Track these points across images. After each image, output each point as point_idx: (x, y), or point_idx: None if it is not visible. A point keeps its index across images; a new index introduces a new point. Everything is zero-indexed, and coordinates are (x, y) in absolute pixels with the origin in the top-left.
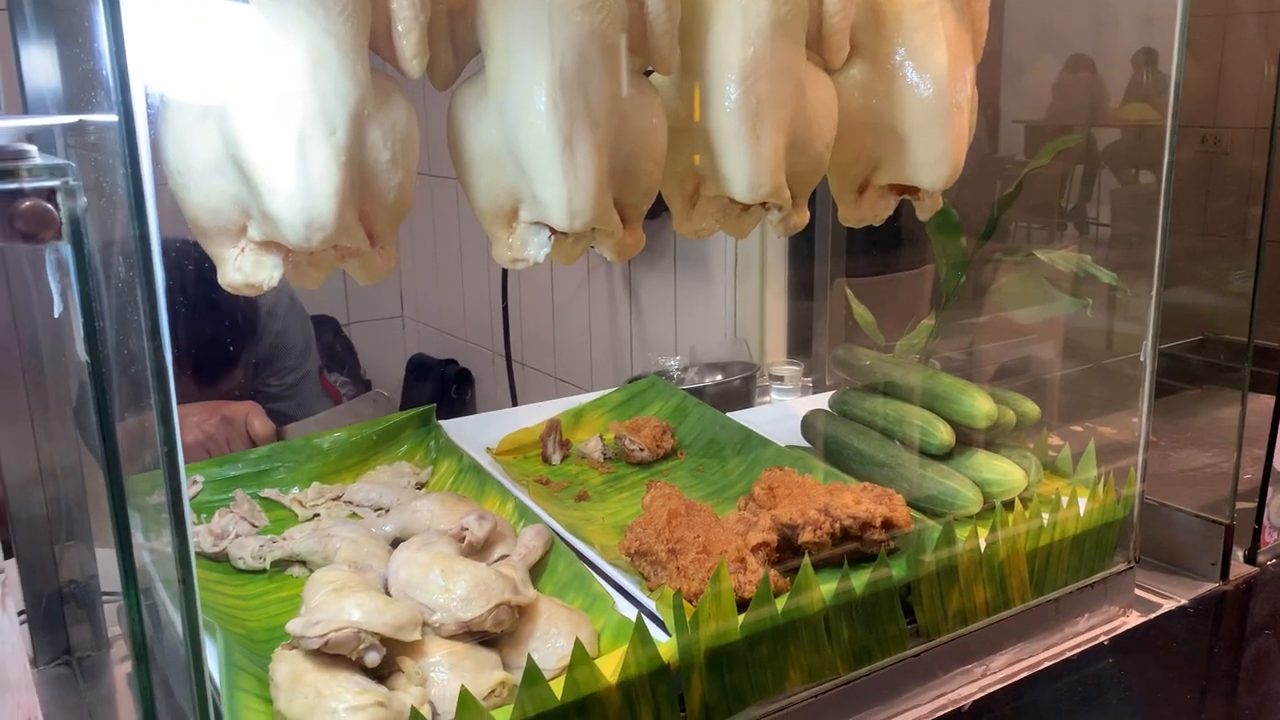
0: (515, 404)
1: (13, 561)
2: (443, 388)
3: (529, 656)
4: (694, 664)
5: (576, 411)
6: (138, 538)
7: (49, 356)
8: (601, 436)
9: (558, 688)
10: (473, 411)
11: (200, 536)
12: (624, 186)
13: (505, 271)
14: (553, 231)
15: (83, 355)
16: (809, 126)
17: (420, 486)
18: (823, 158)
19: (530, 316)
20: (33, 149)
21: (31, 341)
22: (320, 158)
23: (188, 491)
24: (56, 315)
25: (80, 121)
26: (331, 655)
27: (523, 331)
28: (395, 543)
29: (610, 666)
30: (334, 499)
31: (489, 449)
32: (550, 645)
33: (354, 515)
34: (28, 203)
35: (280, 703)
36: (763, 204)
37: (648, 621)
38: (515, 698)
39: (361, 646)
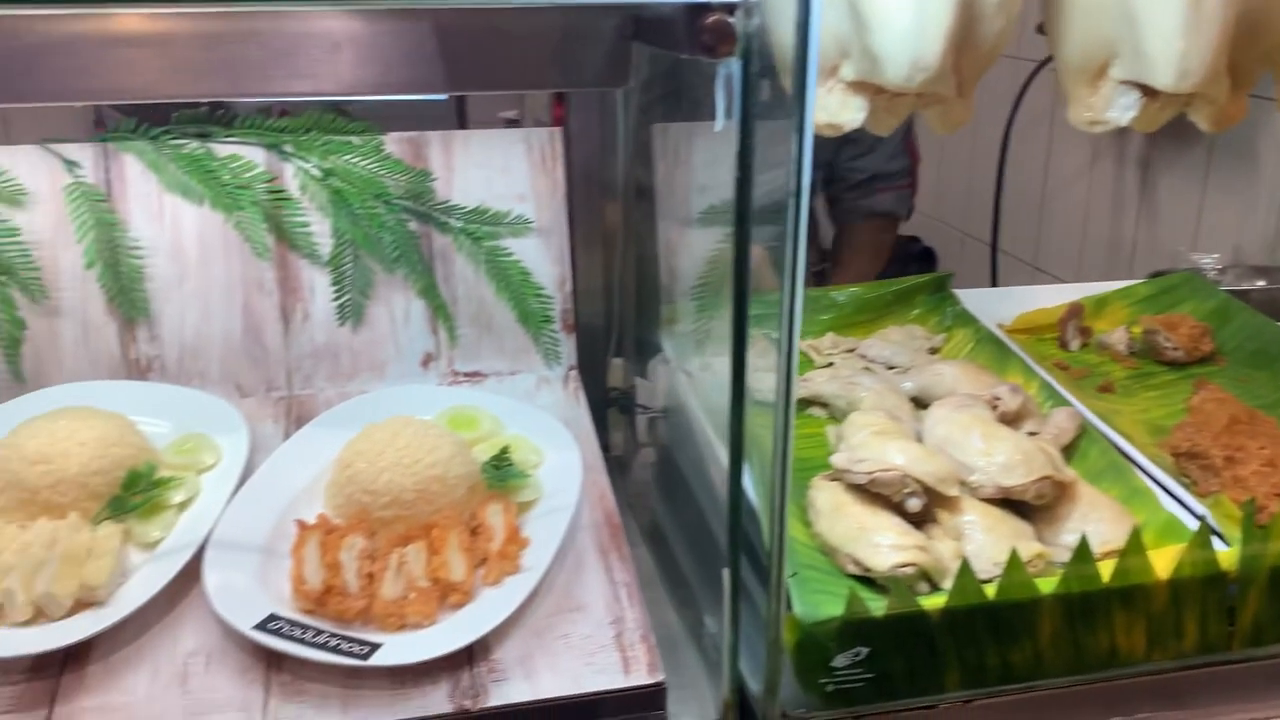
0: (994, 287)
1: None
2: (903, 264)
3: (1083, 535)
4: (1254, 579)
5: (1099, 299)
6: (672, 358)
7: (623, 186)
8: (1128, 329)
9: (1103, 572)
10: None
11: None
12: (1243, 46)
13: (1004, 152)
14: (1144, 92)
15: (735, 170)
16: None
17: (933, 351)
18: None
19: (1013, 200)
20: None
21: (608, 174)
22: None
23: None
24: (717, 130)
25: None
26: (873, 493)
27: (1003, 215)
28: (913, 400)
29: (1159, 563)
30: (848, 351)
31: (1000, 324)
32: (1091, 530)
33: (867, 369)
34: (713, 17)
35: (821, 526)
36: None
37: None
38: (1052, 572)
39: (905, 490)
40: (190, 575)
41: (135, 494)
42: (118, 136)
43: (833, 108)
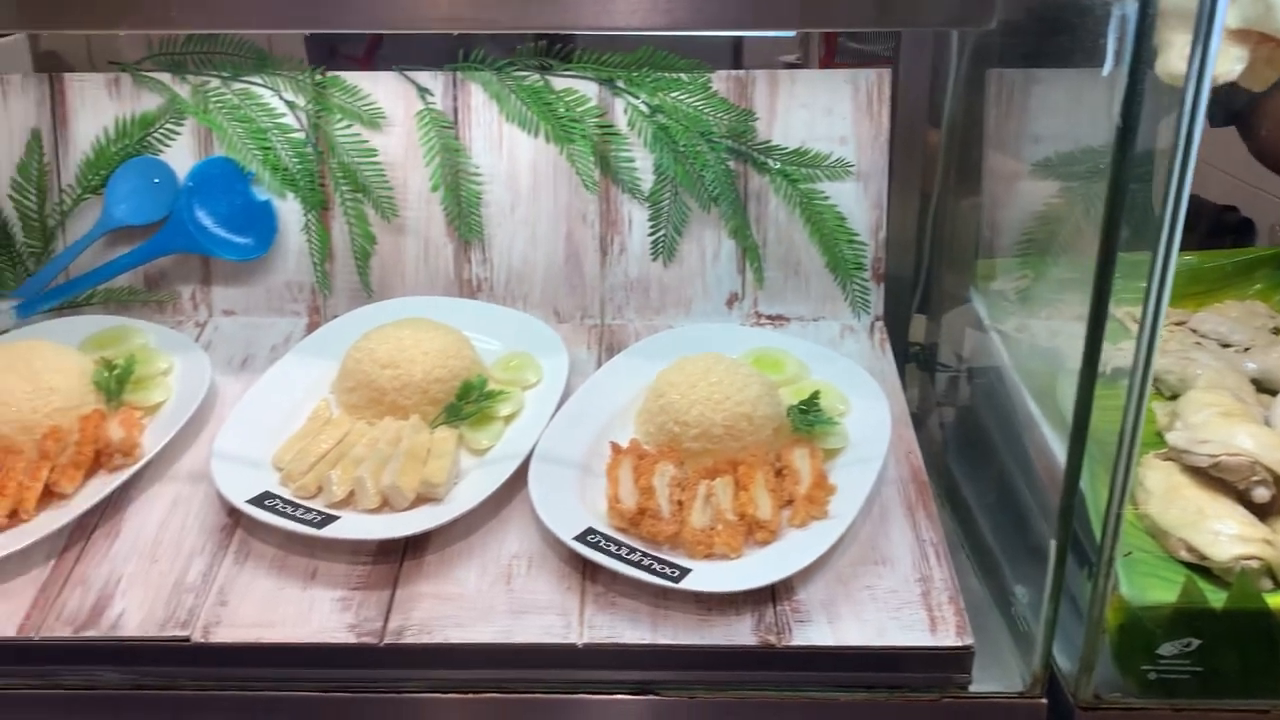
0: None
1: None
2: (1216, 235)
3: None
4: None
5: None
6: (984, 317)
7: (947, 133)
8: None
9: None
10: None
11: None
12: None
13: None
14: None
15: (1116, 119)
16: None
17: (1275, 331)
18: None
19: None
20: None
21: (933, 119)
22: None
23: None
24: (1105, 74)
25: None
26: (1213, 478)
27: None
28: (1253, 383)
29: None
30: (1176, 324)
31: None
32: None
33: (1198, 344)
34: None
35: (1150, 507)
36: None
37: None
38: None
39: (1253, 478)
40: (514, 484)
41: (468, 403)
42: (466, 66)
43: None
